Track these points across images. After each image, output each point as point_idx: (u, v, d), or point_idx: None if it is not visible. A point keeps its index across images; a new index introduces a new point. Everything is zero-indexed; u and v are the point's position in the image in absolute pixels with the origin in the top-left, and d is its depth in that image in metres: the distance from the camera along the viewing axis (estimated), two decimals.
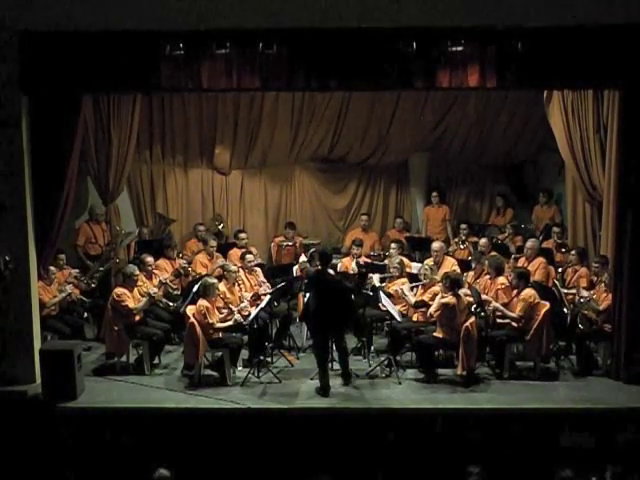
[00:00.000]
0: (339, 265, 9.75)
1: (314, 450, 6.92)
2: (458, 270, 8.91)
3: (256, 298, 8.73)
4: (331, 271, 8.24)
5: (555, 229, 10.24)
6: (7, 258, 7.54)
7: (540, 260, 9.20)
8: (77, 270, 9.34)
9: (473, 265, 9.16)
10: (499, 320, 8.24)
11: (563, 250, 9.79)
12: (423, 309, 8.33)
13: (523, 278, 8.19)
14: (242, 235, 10.35)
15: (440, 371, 8.10)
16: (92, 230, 10.24)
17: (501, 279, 8.42)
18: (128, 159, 10.14)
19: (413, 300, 8.43)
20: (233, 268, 8.76)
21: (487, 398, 7.51)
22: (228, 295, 8.47)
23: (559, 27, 7.33)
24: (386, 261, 9.67)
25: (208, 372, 8.11)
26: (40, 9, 7.29)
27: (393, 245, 9.89)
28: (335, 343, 7.92)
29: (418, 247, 11.08)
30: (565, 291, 8.75)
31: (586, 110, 9.04)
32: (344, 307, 7.82)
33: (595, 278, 8.60)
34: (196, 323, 7.79)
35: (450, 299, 7.85)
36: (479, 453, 6.85)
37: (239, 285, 8.88)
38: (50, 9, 7.28)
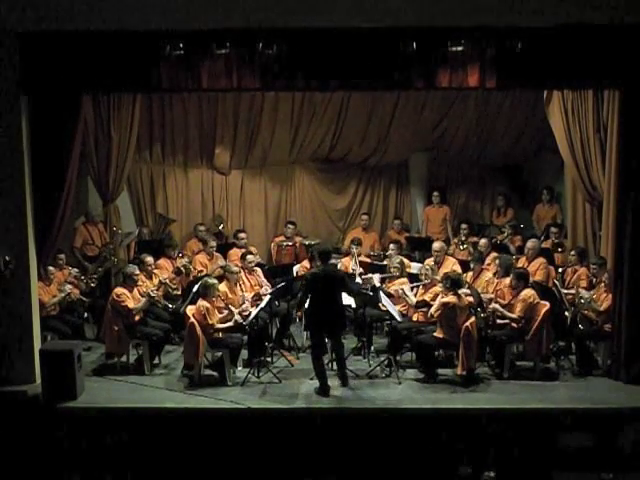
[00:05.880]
0: (339, 265, 9.75)
1: (314, 450, 6.91)
2: (459, 270, 8.92)
3: (257, 298, 8.73)
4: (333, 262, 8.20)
5: (553, 229, 10.21)
6: (7, 258, 7.55)
7: (541, 260, 9.20)
8: (76, 270, 9.35)
9: (472, 265, 9.15)
10: (499, 320, 8.24)
11: (560, 250, 9.78)
12: (424, 309, 8.33)
13: (522, 279, 8.19)
14: (242, 235, 10.37)
15: (440, 371, 8.09)
16: (89, 231, 10.22)
17: (508, 279, 8.41)
18: (128, 159, 10.12)
19: (414, 300, 8.44)
20: (235, 269, 8.76)
21: (487, 398, 7.51)
22: (230, 295, 8.47)
23: (559, 27, 7.33)
24: (386, 261, 9.68)
25: (208, 372, 8.11)
26: (40, 9, 7.28)
27: (392, 246, 9.90)
28: (331, 343, 7.92)
29: (418, 247, 11.09)
30: (565, 291, 8.75)
31: (586, 110, 9.02)
32: (339, 304, 7.80)
33: (594, 279, 8.60)
34: (196, 323, 7.79)
35: (451, 299, 7.85)
36: (478, 453, 6.86)
37: (240, 285, 8.88)
38: (50, 9, 7.28)
